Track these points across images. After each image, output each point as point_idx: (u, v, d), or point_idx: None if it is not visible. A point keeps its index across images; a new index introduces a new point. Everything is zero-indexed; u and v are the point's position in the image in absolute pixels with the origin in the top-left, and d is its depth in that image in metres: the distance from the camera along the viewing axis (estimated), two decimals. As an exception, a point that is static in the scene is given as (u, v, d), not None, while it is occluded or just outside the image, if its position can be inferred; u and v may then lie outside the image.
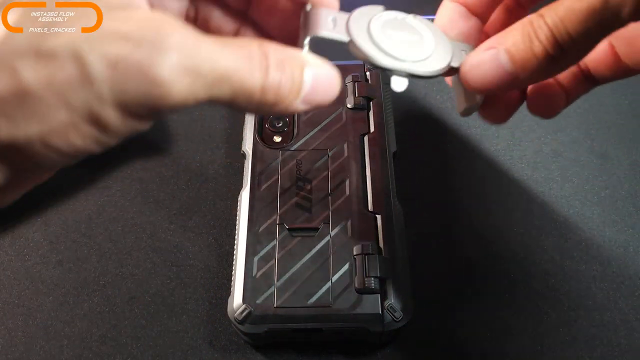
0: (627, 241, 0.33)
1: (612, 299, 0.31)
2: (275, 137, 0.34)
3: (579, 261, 0.32)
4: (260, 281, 0.28)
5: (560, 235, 0.33)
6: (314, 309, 0.27)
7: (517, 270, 0.32)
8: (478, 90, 0.21)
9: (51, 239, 0.33)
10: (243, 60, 0.17)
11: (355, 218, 0.30)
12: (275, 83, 0.18)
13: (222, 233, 0.33)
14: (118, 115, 0.15)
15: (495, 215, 0.34)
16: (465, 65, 0.21)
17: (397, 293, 0.27)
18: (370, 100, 0.35)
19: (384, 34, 0.22)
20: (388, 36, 0.22)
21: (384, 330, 0.27)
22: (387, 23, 0.23)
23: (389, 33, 0.22)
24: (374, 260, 0.28)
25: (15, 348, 0.30)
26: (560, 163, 0.36)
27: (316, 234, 0.29)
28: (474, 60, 0.21)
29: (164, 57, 0.14)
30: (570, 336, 0.30)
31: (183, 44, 0.15)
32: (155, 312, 0.31)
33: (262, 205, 0.31)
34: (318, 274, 0.28)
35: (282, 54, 0.18)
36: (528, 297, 0.31)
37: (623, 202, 0.35)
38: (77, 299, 0.31)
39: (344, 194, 0.31)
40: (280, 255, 0.29)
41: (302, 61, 0.19)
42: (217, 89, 0.16)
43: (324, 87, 0.20)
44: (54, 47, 0.14)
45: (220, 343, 0.30)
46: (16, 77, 0.14)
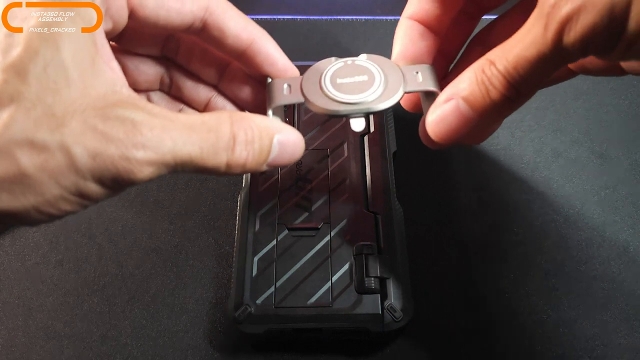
0: (627, 241, 0.33)
1: (612, 299, 0.31)
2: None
3: (579, 261, 0.32)
4: (260, 281, 0.28)
5: (560, 235, 0.33)
6: (314, 309, 0.27)
7: (517, 270, 0.32)
8: (446, 141, 0.22)
9: (51, 239, 0.33)
10: (209, 144, 0.20)
11: (355, 218, 0.30)
12: (242, 160, 0.21)
13: (222, 233, 0.33)
14: (98, 188, 0.19)
15: (495, 215, 0.34)
16: (429, 120, 0.22)
17: (397, 293, 0.27)
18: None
19: (335, 84, 0.24)
20: (339, 85, 0.24)
21: (384, 330, 0.27)
22: (336, 72, 0.25)
23: (339, 82, 0.24)
24: (374, 260, 0.28)
25: (15, 348, 0.30)
26: (560, 163, 0.36)
27: (316, 234, 0.29)
28: (436, 115, 0.22)
29: (133, 153, 0.18)
30: (570, 336, 0.30)
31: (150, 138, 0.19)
32: (155, 312, 0.31)
33: (262, 205, 0.31)
34: (318, 273, 0.28)
35: (252, 131, 0.21)
36: (528, 297, 0.31)
37: (623, 202, 0.35)
38: (77, 299, 0.31)
39: (344, 194, 0.31)
40: (280, 255, 0.29)
41: (272, 132, 0.22)
42: (181, 168, 0.20)
43: (289, 152, 0.23)
44: (45, 139, 0.17)
45: (220, 343, 0.30)
46: (15, 163, 0.17)
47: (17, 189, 0.17)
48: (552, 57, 0.18)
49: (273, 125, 0.22)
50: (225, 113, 0.22)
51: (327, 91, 0.24)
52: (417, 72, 0.25)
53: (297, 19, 0.47)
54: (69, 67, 0.18)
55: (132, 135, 0.18)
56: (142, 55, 0.25)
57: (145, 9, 0.22)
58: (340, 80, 0.25)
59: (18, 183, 0.17)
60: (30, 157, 0.17)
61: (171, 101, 0.27)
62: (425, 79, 0.25)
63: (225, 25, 0.24)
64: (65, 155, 0.18)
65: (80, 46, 0.19)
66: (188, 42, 0.26)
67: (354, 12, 0.47)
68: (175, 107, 0.27)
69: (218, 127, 0.21)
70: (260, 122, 0.22)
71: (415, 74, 0.25)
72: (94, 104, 0.19)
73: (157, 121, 0.19)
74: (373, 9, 0.48)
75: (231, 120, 0.21)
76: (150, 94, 0.27)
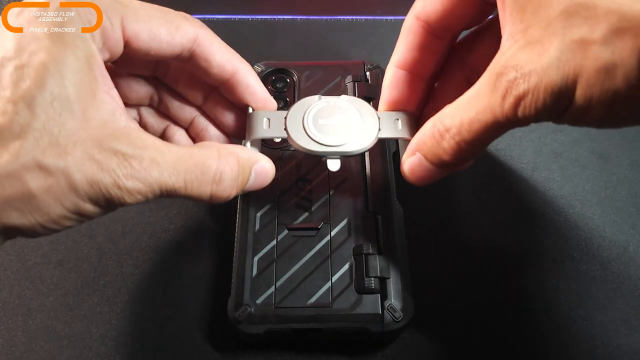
0: (627, 241, 0.33)
1: (612, 299, 0.31)
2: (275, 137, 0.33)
3: (579, 261, 0.32)
4: (260, 281, 0.28)
5: (560, 235, 0.33)
6: (314, 309, 0.27)
7: (517, 270, 0.32)
8: (422, 184, 0.26)
9: (51, 239, 0.33)
10: (193, 177, 0.23)
11: (355, 218, 0.30)
12: (226, 193, 0.24)
13: (222, 233, 0.33)
14: (94, 208, 0.21)
15: (495, 215, 0.34)
16: (403, 167, 0.26)
17: (397, 293, 0.27)
18: (370, 100, 0.35)
19: (316, 124, 0.27)
20: (320, 126, 0.27)
21: (384, 330, 0.27)
22: (318, 112, 0.27)
23: (320, 123, 0.27)
24: (374, 260, 0.28)
25: (15, 348, 0.30)
26: (560, 163, 0.36)
27: (316, 234, 0.29)
28: (406, 165, 0.26)
29: (124, 182, 0.21)
30: (570, 336, 0.30)
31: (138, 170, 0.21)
32: (155, 312, 0.31)
33: (262, 205, 0.31)
34: (318, 274, 0.28)
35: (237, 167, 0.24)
36: (528, 297, 0.31)
37: (623, 202, 0.35)
38: (77, 299, 0.31)
39: (344, 194, 0.31)
40: (280, 255, 0.29)
41: (252, 163, 0.25)
42: (168, 195, 0.23)
43: (262, 179, 0.26)
44: (50, 165, 0.20)
45: (220, 343, 0.30)
46: (25, 186, 0.19)
47: (25, 208, 0.20)
48: (504, 123, 0.21)
49: (253, 156, 0.26)
50: (213, 147, 0.24)
51: (308, 131, 0.27)
52: (397, 119, 0.28)
53: (297, 19, 0.47)
54: (73, 100, 0.20)
55: (123, 167, 0.21)
56: (134, 75, 0.28)
57: (139, 41, 0.24)
58: (321, 120, 0.27)
59: (27, 203, 0.20)
60: (38, 180, 0.20)
61: (159, 117, 0.30)
62: (403, 127, 0.28)
63: (212, 56, 0.26)
64: (67, 180, 0.20)
65: (83, 80, 0.21)
66: (177, 66, 0.28)
67: (354, 12, 0.47)
68: (162, 123, 0.30)
69: (205, 161, 0.23)
70: (243, 155, 0.25)
71: (395, 121, 0.28)
72: (93, 133, 0.21)
73: (147, 154, 0.22)
74: (373, 9, 0.48)
75: (219, 155, 0.24)
76: (140, 108, 0.29)
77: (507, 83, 0.20)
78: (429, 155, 0.24)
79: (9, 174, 0.19)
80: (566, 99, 0.19)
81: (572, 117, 0.20)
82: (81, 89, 0.21)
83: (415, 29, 0.27)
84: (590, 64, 0.18)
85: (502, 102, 0.20)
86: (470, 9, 0.25)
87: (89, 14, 0.22)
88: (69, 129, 0.20)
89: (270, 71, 0.37)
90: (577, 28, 0.19)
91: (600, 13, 0.18)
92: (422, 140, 0.24)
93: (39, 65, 0.20)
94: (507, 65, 0.20)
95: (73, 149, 0.20)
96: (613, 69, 0.18)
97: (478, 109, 0.22)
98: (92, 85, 0.22)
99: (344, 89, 0.35)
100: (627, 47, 0.17)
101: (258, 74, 0.36)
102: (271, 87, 0.36)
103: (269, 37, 0.45)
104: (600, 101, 0.19)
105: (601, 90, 0.18)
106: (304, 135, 0.27)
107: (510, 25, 0.21)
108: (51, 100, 0.20)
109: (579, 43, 0.19)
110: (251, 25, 0.46)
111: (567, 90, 0.19)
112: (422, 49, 0.27)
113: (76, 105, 0.21)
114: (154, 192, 0.22)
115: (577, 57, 0.18)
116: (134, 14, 0.24)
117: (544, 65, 0.19)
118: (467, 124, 0.22)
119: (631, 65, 0.18)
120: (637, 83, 0.18)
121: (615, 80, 0.18)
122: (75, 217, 0.21)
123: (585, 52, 0.18)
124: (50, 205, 0.20)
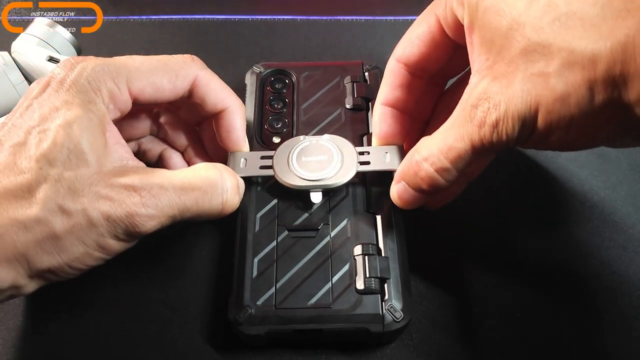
0: (627, 241, 0.33)
1: (612, 299, 0.31)
2: (274, 138, 0.34)
3: (579, 262, 0.32)
4: (260, 282, 0.28)
5: (560, 236, 0.33)
6: (315, 310, 0.27)
7: (517, 270, 0.32)
8: (410, 208, 0.29)
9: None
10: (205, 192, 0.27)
11: (355, 218, 0.30)
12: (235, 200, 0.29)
13: (222, 234, 0.33)
14: (114, 242, 0.24)
15: (495, 216, 0.34)
16: (392, 194, 0.29)
17: (397, 293, 0.27)
18: (369, 101, 0.35)
19: (300, 162, 0.30)
20: (303, 163, 0.30)
21: (385, 330, 0.27)
22: (303, 150, 0.31)
23: (304, 160, 0.30)
24: (374, 261, 0.28)
25: (15, 348, 0.30)
26: (561, 163, 0.36)
27: (316, 235, 0.29)
28: (394, 192, 0.29)
29: (135, 211, 0.24)
30: (570, 336, 0.30)
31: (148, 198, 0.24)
32: (156, 313, 0.31)
33: (262, 206, 0.31)
34: (318, 274, 0.28)
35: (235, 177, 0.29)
36: (528, 297, 0.31)
37: (623, 202, 0.35)
38: (78, 299, 0.31)
39: (344, 194, 0.31)
40: (280, 256, 0.29)
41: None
42: (181, 218, 0.26)
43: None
44: (70, 207, 0.23)
45: (220, 344, 0.30)
46: (51, 228, 0.23)
47: (53, 250, 0.23)
48: (479, 150, 0.24)
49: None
50: (209, 164, 0.28)
51: (292, 168, 0.30)
52: (386, 152, 0.30)
53: (297, 19, 0.47)
54: (87, 153, 0.24)
55: (134, 198, 0.24)
56: (136, 114, 0.31)
57: (144, 95, 0.28)
58: (305, 158, 0.30)
59: (54, 245, 0.23)
60: (61, 222, 0.23)
61: (157, 142, 0.33)
62: (392, 159, 0.30)
63: (207, 95, 0.30)
64: (86, 218, 0.23)
65: (95, 136, 0.25)
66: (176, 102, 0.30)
67: (354, 12, 0.47)
68: (159, 146, 0.33)
69: (210, 176, 0.27)
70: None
71: (385, 154, 0.30)
72: (105, 176, 0.24)
73: (155, 182, 0.25)
74: (373, 9, 0.48)
75: (218, 169, 0.28)
76: (141, 140, 0.33)
77: (482, 113, 0.23)
78: (410, 183, 0.27)
79: (39, 220, 0.22)
80: (530, 124, 0.22)
81: (535, 141, 0.23)
82: (93, 143, 0.25)
83: (397, 70, 0.30)
84: (548, 94, 0.21)
85: (479, 130, 0.23)
86: (444, 52, 0.29)
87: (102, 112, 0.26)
88: (84, 175, 0.24)
89: (269, 72, 0.37)
90: (536, 63, 0.21)
91: (554, 50, 0.21)
92: (403, 170, 0.28)
93: (57, 128, 0.24)
94: (480, 97, 0.23)
95: (88, 192, 0.23)
96: (567, 97, 0.20)
97: (455, 137, 0.24)
98: (103, 139, 0.25)
99: (342, 90, 0.35)
100: (578, 78, 0.20)
101: (257, 75, 0.36)
102: (270, 88, 0.36)
103: (268, 37, 0.45)
104: (559, 126, 0.21)
105: (559, 117, 0.21)
106: (289, 172, 0.30)
107: (478, 63, 0.24)
108: (68, 155, 0.24)
109: (537, 76, 0.21)
110: (251, 25, 0.46)
111: (531, 117, 0.22)
112: (403, 87, 0.30)
113: (90, 156, 0.24)
114: (168, 215, 0.25)
115: (537, 88, 0.21)
116: (137, 73, 0.27)
117: (510, 96, 0.22)
118: (445, 152, 0.25)
119: (582, 94, 0.20)
120: (587, 110, 0.20)
121: (570, 108, 0.21)
122: (98, 255, 0.24)
123: (544, 84, 0.21)
124: (74, 244, 0.23)
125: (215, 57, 0.44)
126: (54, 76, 0.26)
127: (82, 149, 0.24)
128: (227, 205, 0.28)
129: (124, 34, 0.46)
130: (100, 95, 0.26)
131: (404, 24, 0.46)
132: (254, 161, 0.31)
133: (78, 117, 0.24)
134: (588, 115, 0.21)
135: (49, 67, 0.37)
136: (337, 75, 0.36)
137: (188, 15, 0.47)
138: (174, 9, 0.48)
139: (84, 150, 0.24)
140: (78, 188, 0.23)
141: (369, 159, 0.31)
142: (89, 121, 0.25)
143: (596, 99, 0.20)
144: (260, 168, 0.31)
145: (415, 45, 0.29)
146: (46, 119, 0.24)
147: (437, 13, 0.28)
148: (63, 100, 0.25)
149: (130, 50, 0.44)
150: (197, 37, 0.46)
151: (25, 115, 0.25)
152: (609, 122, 0.21)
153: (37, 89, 0.26)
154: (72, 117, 0.24)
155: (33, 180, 0.23)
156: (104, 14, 0.47)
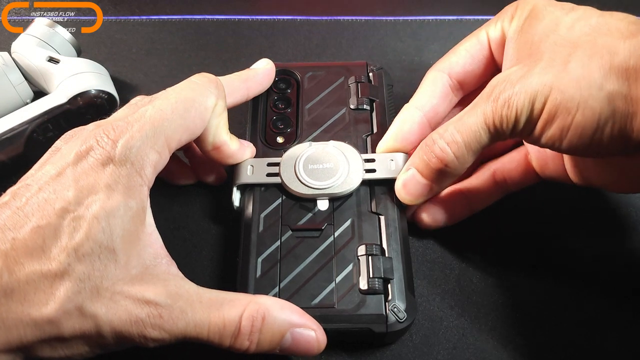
0: (627, 241, 0.33)
1: (612, 299, 0.31)
2: (278, 138, 0.34)
3: (580, 262, 0.33)
4: (264, 282, 0.28)
5: (560, 236, 0.34)
6: (318, 310, 0.27)
7: (519, 271, 0.32)
8: (410, 201, 0.29)
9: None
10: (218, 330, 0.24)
11: (358, 219, 0.30)
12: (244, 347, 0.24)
13: (225, 234, 0.33)
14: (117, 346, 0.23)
15: (496, 216, 0.34)
16: (397, 185, 0.29)
17: (400, 294, 0.27)
18: (373, 102, 0.35)
19: (307, 169, 0.30)
20: (310, 171, 0.30)
21: (388, 330, 0.27)
22: (309, 158, 0.31)
23: (310, 168, 0.30)
24: (378, 261, 0.28)
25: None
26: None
27: (320, 235, 0.29)
28: (401, 180, 0.29)
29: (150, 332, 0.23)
30: (570, 337, 0.30)
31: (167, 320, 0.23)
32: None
33: (266, 206, 0.31)
34: (322, 274, 0.28)
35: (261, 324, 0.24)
36: (529, 297, 0.31)
37: (623, 202, 0.35)
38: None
39: (348, 194, 0.31)
40: (284, 256, 0.29)
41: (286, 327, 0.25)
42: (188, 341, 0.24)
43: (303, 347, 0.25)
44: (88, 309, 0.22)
45: (224, 344, 0.30)
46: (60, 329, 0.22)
47: (57, 346, 0.22)
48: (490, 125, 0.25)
49: (291, 320, 0.25)
50: (243, 300, 0.25)
51: (299, 176, 0.30)
52: (392, 160, 0.31)
53: (297, 19, 0.47)
54: (118, 251, 0.23)
55: (152, 317, 0.23)
56: None
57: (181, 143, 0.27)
58: (311, 166, 0.31)
59: (59, 343, 0.22)
60: (72, 324, 0.22)
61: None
62: (397, 167, 0.30)
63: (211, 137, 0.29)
64: (97, 327, 0.22)
65: (130, 230, 0.24)
66: None
67: (354, 12, 0.48)
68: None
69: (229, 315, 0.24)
70: (278, 315, 0.25)
71: (390, 162, 0.31)
72: (129, 282, 0.23)
73: (178, 304, 0.23)
74: (373, 9, 0.48)
75: (244, 308, 0.24)
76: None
77: (498, 90, 0.25)
78: (421, 166, 0.28)
79: (50, 321, 0.22)
80: (541, 104, 0.23)
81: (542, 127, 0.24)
82: (127, 239, 0.23)
83: (438, 80, 0.31)
84: (565, 75, 0.23)
85: (493, 104, 0.25)
86: (485, 68, 0.31)
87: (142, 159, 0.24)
88: (111, 278, 0.23)
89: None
90: (560, 53, 0.24)
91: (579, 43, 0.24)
92: (416, 154, 0.28)
93: (92, 218, 0.22)
94: (500, 79, 0.25)
95: (110, 299, 0.22)
96: (581, 80, 0.23)
97: (469, 112, 0.26)
98: (139, 231, 0.24)
99: (347, 90, 0.35)
100: (594, 65, 0.23)
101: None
102: (274, 88, 0.36)
103: (269, 37, 0.45)
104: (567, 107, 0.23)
105: (569, 97, 0.23)
106: (295, 180, 0.30)
107: (509, 62, 0.27)
108: (98, 252, 0.22)
109: (559, 62, 0.24)
110: (251, 25, 0.46)
111: (543, 97, 0.23)
112: (440, 97, 0.31)
113: (120, 255, 0.23)
114: (177, 340, 0.24)
115: (555, 71, 0.23)
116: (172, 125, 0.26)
117: (528, 76, 0.24)
118: (457, 126, 0.26)
119: (594, 79, 0.22)
120: (596, 95, 0.22)
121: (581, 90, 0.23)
122: (97, 352, 0.24)
123: (562, 67, 0.23)
124: (79, 345, 0.23)
125: (215, 57, 0.44)
126: (94, 146, 0.24)
127: (113, 247, 0.23)
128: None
129: (124, 34, 0.46)
130: (144, 176, 0.25)
131: (404, 24, 0.46)
132: (260, 168, 0.31)
133: (117, 207, 0.23)
134: (595, 101, 0.22)
135: (49, 68, 0.37)
136: (342, 76, 0.36)
137: (188, 15, 0.47)
138: (174, 9, 0.48)
139: (116, 249, 0.23)
140: (100, 289, 0.22)
141: (375, 167, 0.31)
142: (128, 211, 0.23)
143: (605, 87, 0.22)
144: (267, 175, 0.31)
145: (461, 55, 0.31)
146: (82, 201, 0.23)
147: (487, 30, 0.30)
148: (105, 184, 0.23)
149: (130, 50, 0.44)
150: (197, 37, 0.46)
151: (57, 184, 0.23)
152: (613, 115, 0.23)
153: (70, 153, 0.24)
154: (111, 207, 0.23)
155: (58, 273, 0.22)
156: (104, 14, 0.47)
